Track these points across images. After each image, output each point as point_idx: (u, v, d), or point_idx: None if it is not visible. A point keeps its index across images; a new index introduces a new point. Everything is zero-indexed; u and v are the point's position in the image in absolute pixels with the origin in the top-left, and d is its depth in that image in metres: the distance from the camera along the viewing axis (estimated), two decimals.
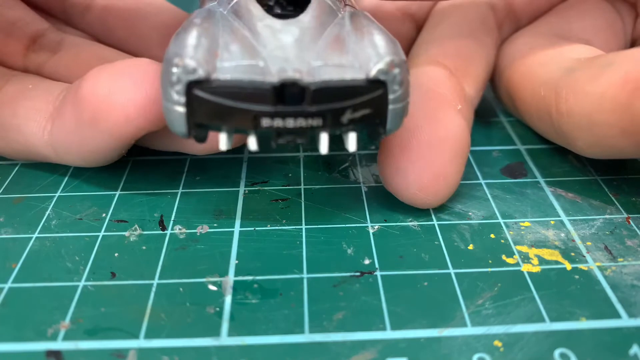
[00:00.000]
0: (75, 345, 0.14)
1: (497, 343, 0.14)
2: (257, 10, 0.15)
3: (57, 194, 0.19)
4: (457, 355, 0.13)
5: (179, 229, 0.17)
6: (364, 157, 0.21)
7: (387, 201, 0.18)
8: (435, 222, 0.18)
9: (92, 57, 0.20)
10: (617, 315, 0.14)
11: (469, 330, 0.14)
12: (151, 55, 0.22)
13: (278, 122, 0.13)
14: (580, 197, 0.19)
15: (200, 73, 0.13)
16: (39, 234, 0.17)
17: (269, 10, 0.15)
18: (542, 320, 0.14)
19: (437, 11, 0.22)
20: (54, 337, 0.14)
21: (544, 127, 0.19)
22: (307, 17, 0.14)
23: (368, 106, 0.13)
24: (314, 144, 0.14)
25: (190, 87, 0.13)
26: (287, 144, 0.14)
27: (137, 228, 0.17)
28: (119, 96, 0.15)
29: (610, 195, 0.19)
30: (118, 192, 0.19)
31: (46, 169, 0.20)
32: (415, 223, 0.18)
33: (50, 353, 0.14)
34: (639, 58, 0.15)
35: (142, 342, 0.14)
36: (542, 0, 0.22)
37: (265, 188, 0.19)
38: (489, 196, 0.19)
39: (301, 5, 0.15)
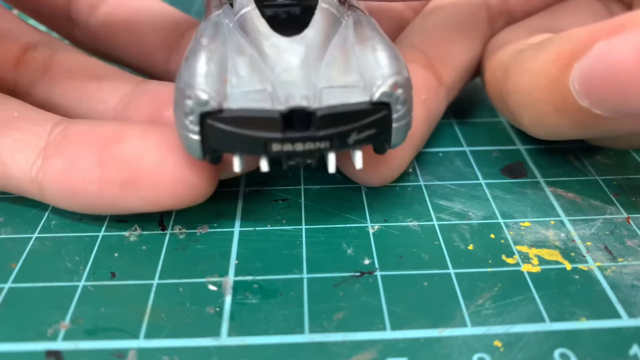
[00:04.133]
0: (75, 345, 0.14)
1: (497, 343, 0.14)
2: (263, 27, 0.15)
3: None
4: (457, 355, 0.13)
5: (179, 229, 0.17)
6: None
7: (387, 201, 0.18)
8: (435, 222, 0.18)
9: (85, 76, 0.19)
10: (617, 315, 0.14)
11: (469, 330, 0.14)
12: (152, 58, 0.23)
13: (288, 147, 0.14)
14: (580, 197, 0.19)
15: (212, 104, 0.13)
16: (39, 234, 0.17)
17: (273, 19, 0.15)
18: (542, 320, 0.14)
19: (434, 1, 0.23)
20: (54, 337, 0.14)
21: (501, 107, 0.20)
22: (311, 31, 0.15)
23: (373, 127, 0.14)
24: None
25: (203, 117, 0.14)
26: (298, 165, 0.14)
27: (137, 228, 0.17)
28: (170, 171, 0.15)
29: (610, 195, 0.19)
30: None
31: None
32: (415, 223, 0.18)
33: (50, 353, 0.14)
34: (572, 36, 0.15)
35: (142, 342, 0.14)
36: None
37: (265, 188, 0.19)
38: (489, 196, 0.19)
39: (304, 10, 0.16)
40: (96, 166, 0.15)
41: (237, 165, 0.15)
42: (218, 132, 0.14)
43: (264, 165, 0.14)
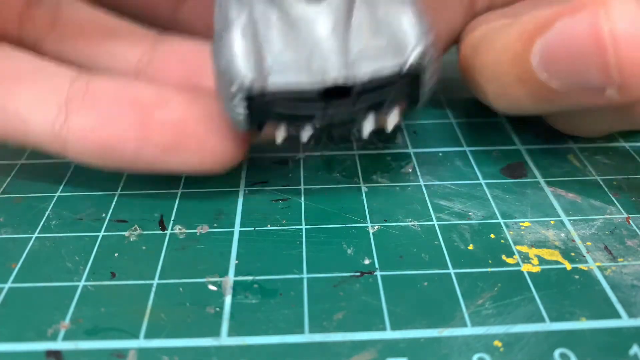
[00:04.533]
0: (75, 345, 0.14)
1: (497, 343, 0.14)
2: None
3: (57, 194, 0.19)
4: (457, 355, 0.13)
5: (179, 229, 0.17)
6: (363, 157, 0.21)
7: (387, 201, 0.18)
8: (435, 222, 0.18)
9: (98, 31, 0.19)
10: (617, 315, 0.14)
11: (469, 330, 0.14)
12: (159, 7, 0.22)
13: (327, 119, 0.15)
14: (580, 197, 0.19)
15: (256, 87, 0.14)
16: (39, 234, 0.17)
17: None
18: (542, 320, 0.14)
19: None
20: (54, 337, 0.14)
21: (469, 81, 0.20)
22: None
23: (404, 91, 0.15)
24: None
25: (247, 97, 0.15)
26: (339, 136, 0.16)
27: (137, 228, 0.17)
28: (213, 138, 0.16)
29: (610, 195, 0.19)
30: (118, 192, 0.19)
31: (46, 169, 0.20)
32: (415, 223, 0.18)
33: (50, 353, 0.14)
34: (538, 15, 0.16)
35: (142, 342, 0.14)
36: None
37: (265, 188, 0.19)
38: (489, 196, 0.19)
39: None
40: (137, 127, 0.16)
41: (280, 137, 0.16)
42: (262, 108, 0.15)
43: (305, 137, 0.15)
